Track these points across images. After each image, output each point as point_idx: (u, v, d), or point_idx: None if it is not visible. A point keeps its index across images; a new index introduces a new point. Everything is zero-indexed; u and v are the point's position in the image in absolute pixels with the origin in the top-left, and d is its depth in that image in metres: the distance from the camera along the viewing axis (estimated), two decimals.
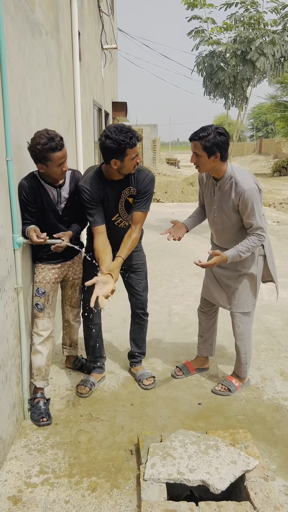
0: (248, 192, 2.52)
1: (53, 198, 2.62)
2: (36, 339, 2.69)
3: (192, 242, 7.57)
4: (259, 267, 2.78)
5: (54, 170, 2.48)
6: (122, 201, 2.69)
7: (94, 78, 6.80)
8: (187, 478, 2.03)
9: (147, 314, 3.12)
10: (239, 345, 2.92)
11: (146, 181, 2.66)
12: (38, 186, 2.56)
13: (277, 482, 2.18)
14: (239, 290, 2.81)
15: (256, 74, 7.29)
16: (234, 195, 2.58)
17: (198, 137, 2.51)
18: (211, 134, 2.48)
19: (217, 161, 2.55)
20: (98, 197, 2.61)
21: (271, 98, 31.72)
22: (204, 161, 2.55)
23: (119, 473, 2.23)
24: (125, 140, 2.40)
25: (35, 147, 2.38)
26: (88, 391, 2.90)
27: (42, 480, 2.17)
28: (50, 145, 2.37)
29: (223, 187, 2.63)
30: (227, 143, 2.55)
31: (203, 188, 2.85)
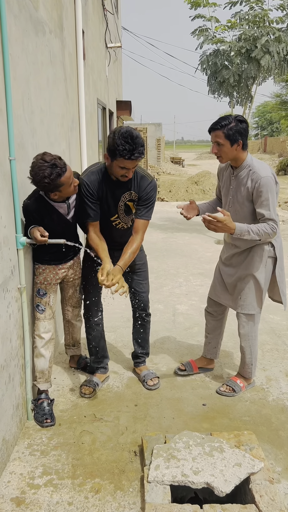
0: (264, 180, 2.50)
1: (64, 212, 2.58)
2: (39, 342, 2.68)
3: (196, 242, 7.54)
4: (267, 269, 2.74)
5: (68, 191, 2.43)
6: (122, 205, 2.65)
7: (98, 77, 6.79)
8: (192, 480, 2.01)
9: (149, 315, 3.10)
10: (244, 346, 2.90)
11: (148, 188, 2.62)
12: (46, 207, 2.49)
13: (282, 485, 2.16)
14: (245, 291, 2.78)
15: (261, 72, 7.25)
16: (250, 182, 2.55)
17: (220, 126, 2.51)
18: (233, 122, 2.50)
19: (239, 149, 2.55)
20: (96, 193, 2.58)
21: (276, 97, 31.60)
22: (226, 150, 2.55)
23: (123, 475, 2.21)
24: (119, 147, 2.32)
25: (43, 182, 2.29)
26: (92, 391, 2.89)
27: (46, 481, 2.16)
28: (56, 173, 2.29)
29: (240, 175, 2.62)
30: (248, 130, 2.56)
31: (221, 179, 2.85)
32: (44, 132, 3.04)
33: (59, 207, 2.53)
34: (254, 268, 2.72)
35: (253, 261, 2.72)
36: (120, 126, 2.41)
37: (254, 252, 2.71)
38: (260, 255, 2.70)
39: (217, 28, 7.42)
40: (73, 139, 4.36)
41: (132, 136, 2.32)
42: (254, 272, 2.73)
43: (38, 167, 2.28)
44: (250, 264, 2.73)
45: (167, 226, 9.01)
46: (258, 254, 2.70)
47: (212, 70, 7.54)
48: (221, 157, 2.61)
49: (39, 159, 2.30)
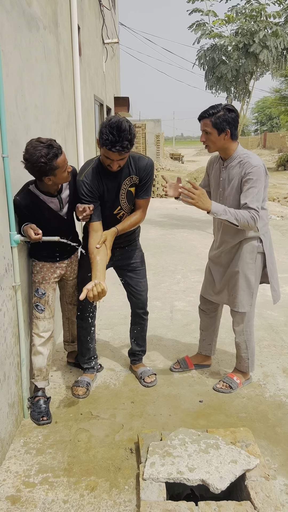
0: (254, 169, 2.48)
1: (56, 207, 2.54)
2: (37, 340, 2.67)
3: (194, 238, 7.53)
4: (257, 265, 2.72)
5: (62, 176, 2.38)
6: (124, 192, 2.61)
7: (95, 73, 6.75)
8: (187, 477, 2.01)
9: (147, 313, 3.08)
10: (239, 342, 2.89)
11: (148, 167, 2.60)
12: (36, 202, 2.45)
13: (278, 481, 2.16)
14: (235, 289, 2.76)
15: (259, 67, 7.21)
16: (240, 171, 2.53)
17: (208, 114, 2.49)
18: (221, 111, 2.48)
19: (227, 138, 2.53)
20: (97, 192, 2.54)
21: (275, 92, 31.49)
22: (214, 139, 2.53)
23: (119, 472, 2.21)
24: (103, 136, 2.28)
25: (39, 161, 2.22)
26: (85, 391, 2.87)
27: (41, 479, 2.16)
28: (53, 153, 2.25)
29: (231, 166, 2.59)
30: (237, 120, 2.53)
31: (210, 172, 2.82)
32: (39, 129, 3.02)
33: (50, 201, 2.49)
34: (244, 265, 2.70)
35: (242, 258, 2.70)
36: (114, 116, 2.36)
37: (243, 249, 2.69)
38: (249, 251, 2.68)
39: (215, 22, 7.38)
40: (69, 136, 4.34)
41: (119, 128, 2.25)
42: (244, 270, 2.71)
43: (33, 147, 2.24)
44: (240, 261, 2.71)
45: (165, 222, 8.99)
46: (248, 251, 2.68)
47: (210, 65, 7.49)
48: (208, 146, 2.59)
49: (34, 141, 2.27)
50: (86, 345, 2.96)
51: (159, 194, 13.58)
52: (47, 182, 2.36)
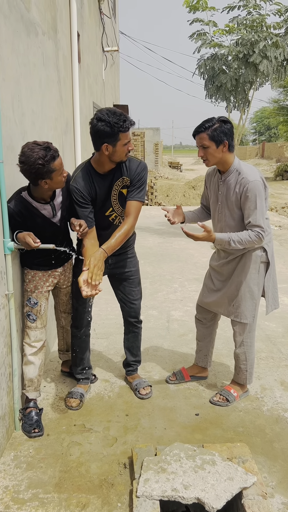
0: (252, 184, 2.44)
1: (49, 214, 2.48)
2: (28, 350, 2.60)
3: (192, 247, 7.48)
4: (260, 275, 2.68)
5: (58, 180, 2.32)
6: (116, 193, 2.56)
7: (95, 80, 6.75)
8: (182, 495, 1.94)
9: (140, 322, 3.02)
10: (239, 353, 2.83)
11: (139, 169, 2.55)
12: (29, 209, 2.39)
13: (276, 500, 2.09)
14: (238, 299, 2.71)
15: (259, 77, 7.23)
16: (238, 187, 2.50)
17: (204, 128, 2.47)
18: (216, 123, 2.46)
19: (225, 150, 2.50)
20: (88, 196, 2.50)
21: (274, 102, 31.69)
22: (212, 152, 2.50)
23: (112, 489, 2.14)
24: (119, 123, 2.28)
25: (36, 163, 2.18)
26: (79, 403, 2.80)
27: (31, 495, 2.08)
28: (51, 155, 2.21)
29: (229, 180, 2.56)
30: (232, 131, 2.52)
31: (209, 185, 2.79)
32: (36, 135, 2.98)
33: (42, 208, 2.44)
34: (247, 275, 2.66)
35: (245, 267, 2.65)
36: (98, 111, 2.35)
37: (247, 259, 2.64)
38: (253, 261, 2.64)
39: (215, 32, 7.41)
40: (67, 142, 4.30)
41: (116, 110, 2.32)
42: (248, 280, 2.66)
43: (30, 149, 2.19)
44: (243, 271, 2.66)
45: (163, 230, 8.95)
46: (252, 260, 2.64)
47: (210, 74, 7.52)
48: (207, 160, 2.55)
49: (31, 143, 2.23)
50: (80, 355, 2.90)
51: (157, 202, 13.57)
52: (43, 185, 2.30)
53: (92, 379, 3.08)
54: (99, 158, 2.46)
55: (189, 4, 7.41)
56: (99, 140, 2.37)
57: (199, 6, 7.31)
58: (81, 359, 2.91)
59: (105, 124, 2.29)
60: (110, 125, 2.29)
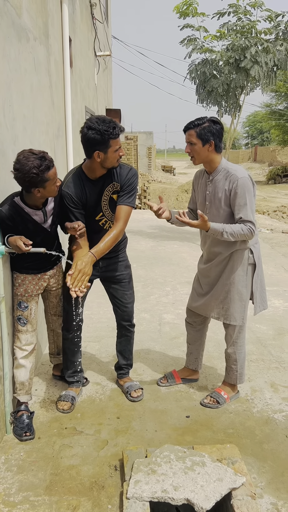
0: (241, 181, 2.50)
1: (40, 219, 2.49)
2: (19, 353, 2.61)
3: (184, 250, 7.52)
4: (248, 277, 2.71)
5: (51, 189, 2.34)
6: (106, 199, 2.61)
7: (87, 85, 6.77)
8: (172, 496, 1.96)
9: (133, 325, 3.04)
10: (230, 352, 2.86)
11: (129, 175, 2.60)
12: (21, 214, 2.41)
13: (265, 500, 2.11)
14: (227, 301, 2.74)
15: (250, 82, 7.30)
16: (227, 184, 2.54)
17: (193, 125, 2.53)
18: (206, 122, 2.52)
19: (211, 150, 2.55)
20: (79, 201, 2.55)
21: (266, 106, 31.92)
22: (198, 149, 2.55)
23: (102, 491, 2.15)
24: (108, 130, 2.34)
25: (31, 172, 2.19)
26: (70, 406, 2.81)
27: (22, 498, 2.09)
28: (45, 165, 2.23)
29: (217, 179, 2.61)
30: (222, 132, 2.57)
31: (196, 188, 2.82)
32: (27, 139, 3.00)
33: (34, 214, 2.45)
34: (235, 278, 2.69)
35: (233, 270, 2.68)
36: (87, 120, 2.40)
37: (234, 261, 2.68)
38: (241, 264, 2.67)
39: (206, 37, 7.47)
40: (59, 147, 4.32)
41: (106, 118, 2.37)
42: (236, 282, 2.70)
43: (26, 158, 2.20)
44: (231, 274, 2.69)
45: (156, 234, 8.98)
46: (239, 263, 2.67)
47: (201, 79, 7.57)
48: (194, 158, 2.61)
49: (27, 152, 2.24)
50: (72, 358, 2.91)
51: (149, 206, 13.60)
52: (36, 194, 2.32)
53: (84, 382, 3.09)
54: (91, 164, 2.50)
55: (179, 10, 7.47)
56: (90, 148, 2.41)
57: (189, 12, 7.37)
58: (73, 362, 2.92)
59: (95, 132, 2.34)
60: (101, 133, 2.34)
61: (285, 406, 2.88)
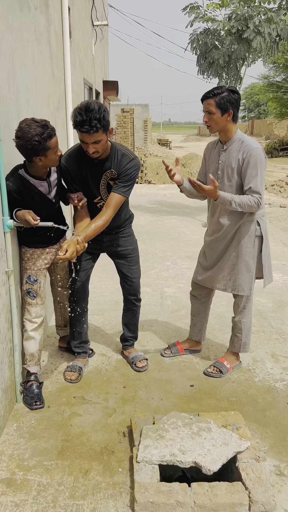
0: (255, 151, 2.54)
1: (45, 190, 2.52)
2: (29, 326, 2.66)
3: (184, 224, 7.54)
4: (255, 249, 2.75)
5: (52, 158, 2.36)
6: (104, 184, 2.62)
7: (85, 56, 6.64)
8: (180, 459, 2.05)
9: (139, 300, 3.10)
10: (236, 321, 2.94)
11: (128, 165, 2.56)
12: (27, 186, 2.42)
13: (268, 463, 2.21)
14: (234, 273, 2.79)
15: (251, 53, 7.17)
16: (241, 154, 2.58)
17: (212, 94, 2.54)
18: (225, 92, 2.53)
19: (229, 120, 2.58)
20: (77, 175, 2.57)
21: (263, 79, 31.34)
22: (217, 119, 2.57)
23: (112, 455, 2.24)
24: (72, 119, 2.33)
25: (33, 140, 2.20)
26: (78, 376, 2.89)
27: (35, 463, 2.18)
28: (48, 133, 2.24)
29: (231, 149, 2.63)
30: (239, 102, 2.59)
31: (208, 158, 2.83)
32: (30, 112, 2.96)
33: (39, 185, 2.48)
34: (243, 250, 2.73)
35: (241, 242, 2.72)
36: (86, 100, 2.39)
37: (241, 233, 2.71)
38: (248, 236, 2.71)
39: (209, 6, 7.29)
40: (59, 120, 4.28)
41: (87, 108, 2.25)
42: (243, 254, 2.74)
43: (28, 125, 2.22)
44: (238, 246, 2.74)
45: (155, 209, 8.98)
46: (247, 235, 2.71)
47: (202, 50, 7.43)
48: (211, 127, 2.62)
49: (29, 120, 2.26)
50: (78, 329, 2.97)
51: (147, 180, 13.53)
52: (37, 162, 2.34)
53: (90, 353, 3.16)
54: None
55: None
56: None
57: None
58: (79, 333, 2.98)
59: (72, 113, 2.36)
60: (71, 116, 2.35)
61: (286, 376, 2.98)
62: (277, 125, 35.20)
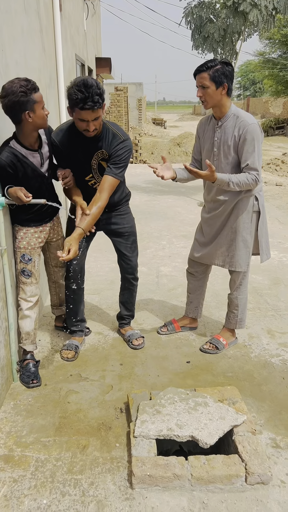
0: (251, 127, 2.48)
1: (38, 162, 2.47)
2: (24, 305, 2.65)
3: (179, 204, 7.49)
4: (253, 224, 2.73)
5: (41, 114, 2.30)
6: (95, 164, 2.57)
7: (76, 31, 6.47)
8: (177, 434, 2.06)
9: (137, 279, 3.08)
10: (232, 298, 2.95)
11: (119, 146, 2.50)
12: (19, 158, 2.37)
13: (264, 436, 2.23)
14: (231, 249, 2.77)
15: (247, 27, 7.01)
16: (237, 130, 2.52)
17: (205, 67, 2.46)
18: (218, 64, 2.45)
19: (224, 93, 2.51)
20: (67, 151, 2.51)
21: (259, 55, 30.81)
22: (211, 93, 2.49)
23: (110, 431, 2.25)
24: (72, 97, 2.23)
25: (19, 91, 2.16)
26: (74, 354, 2.89)
27: (33, 439, 2.19)
28: (32, 85, 2.22)
29: (226, 124, 2.57)
30: (233, 75, 2.52)
31: (202, 135, 2.77)
32: None
33: (32, 156, 2.42)
34: (241, 225, 2.71)
35: (239, 218, 2.70)
36: (78, 76, 2.31)
37: (239, 209, 2.68)
38: (246, 211, 2.68)
39: None
40: (51, 97, 4.19)
41: (86, 84, 2.20)
42: (241, 230, 2.72)
43: (11, 82, 2.21)
44: (236, 222, 2.71)
45: (150, 188, 8.90)
46: (245, 210, 2.68)
47: (197, 23, 7.26)
48: (206, 102, 2.54)
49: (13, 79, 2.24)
50: (75, 308, 2.96)
51: (142, 160, 13.40)
52: (27, 119, 2.26)
53: (86, 332, 3.16)
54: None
55: None
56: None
57: None
58: (76, 312, 2.97)
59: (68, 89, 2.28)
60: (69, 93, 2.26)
61: (281, 351, 2.99)
62: (273, 103, 34.78)
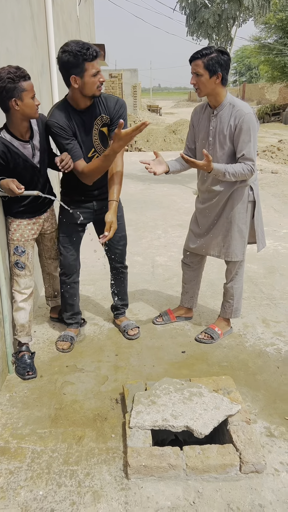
0: (247, 117, 2.46)
1: (29, 154, 2.43)
2: (19, 297, 2.64)
3: (175, 193, 7.46)
4: (248, 214, 2.72)
5: (29, 103, 2.25)
6: (96, 133, 2.53)
7: (69, 17, 6.36)
8: (172, 424, 2.07)
9: (126, 267, 3.07)
10: (228, 287, 2.95)
11: (117, 106, 2.51)
12: (10, 149, 2.33)
13: (258, 425, 2.25)
14: (227, 239, 2.77)
15: (242, 12, 6.91)
16: (233, 119, 2.49)
17: (200, 55, 2.42)
18: (214, 52, 2.41)
19: (218, 82, 2.47)
20: (69, 128, 2.45)
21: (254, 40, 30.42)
22: (205, 81, 2.46)
23: (105, 422, 2.27)
24: (81, 51, 2.23)
25: (7, 77, 2.14)
26: (70, 346, 2.90)
27: (29, 431, 2.20)
28: (21, 72, 2.19)
29: (222, 114, 2.54)
30: (229, 64, 2.48)
31: (196, 124, 2.74)
32: None
33: (23, 147, 2.38)
34: (236, 216, 2.70)
35: (234, 208, 2.69)
36: (63, 45, 2.29)
37: (234, 199, 2.67)
38: (241, 201, 2.67)
39: None
40: (44, 85, 4.13)
41: (78, 42, 2.27)
42: (237, 219, 2.71)
43: (1, 68, 2.18)
44: (232, 212, 2.70)
45: (145, 177, 8.85)
46: (240, 200, 2.67)
47: (191, 9, 7.16)
48: (199, 89, 2.51)
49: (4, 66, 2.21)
50: (70, 301, 2.96)
51: (137, 148, 13.30)
52: (14, 107, 2.22)
53: (82, 323, 3.16)
54: (72, 94, 2.41)
55: None
56: (66, 73, 2.32)
57: None
58: (71, 305, 2.97)
59: (68, 53, 2.24)
60: (74, 54, 2.23)
61: (276, 340, 3.01)
62: (269, 89, 34.51)
